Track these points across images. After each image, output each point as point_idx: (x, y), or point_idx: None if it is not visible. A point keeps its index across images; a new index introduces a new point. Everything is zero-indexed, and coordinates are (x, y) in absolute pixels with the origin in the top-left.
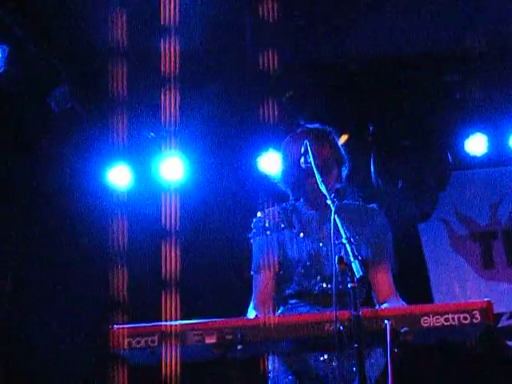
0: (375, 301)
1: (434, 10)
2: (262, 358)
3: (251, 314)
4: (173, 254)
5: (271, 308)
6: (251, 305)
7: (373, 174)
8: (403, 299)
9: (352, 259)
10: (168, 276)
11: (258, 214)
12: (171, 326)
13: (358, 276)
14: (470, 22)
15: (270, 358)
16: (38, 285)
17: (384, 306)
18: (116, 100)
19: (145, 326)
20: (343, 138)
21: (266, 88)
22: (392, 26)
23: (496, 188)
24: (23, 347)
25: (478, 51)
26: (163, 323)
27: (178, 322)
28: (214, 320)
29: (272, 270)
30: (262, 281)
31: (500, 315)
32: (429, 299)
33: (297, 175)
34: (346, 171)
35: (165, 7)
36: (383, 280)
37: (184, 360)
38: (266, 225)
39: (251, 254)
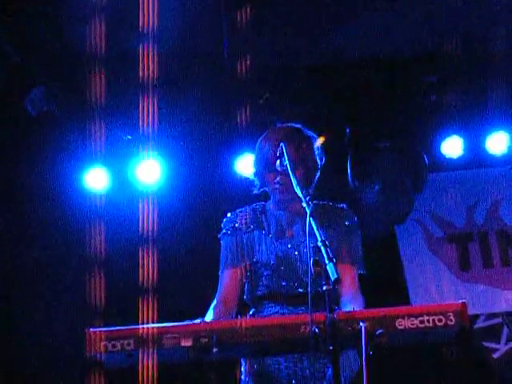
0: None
1: (412, 12)
2: (237, 360)
3: (209, 313)
4: (150, 256)
5: (234, 308)
6: (213, 303)
7: (349, 176)
8: (378, 301)
9: (327, 262)
10: (145, 279)
11: (228, 215)
12: (147, 329)
13: (332, 278)
14: (448, 26)
15: (242, 360)
16: (14, 288)
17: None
18: (93, 102)
19: (121, 330)
20: (320, 140)
21: (243, 91)
22: (370, 27)
23: (472, 190)
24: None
25: (455, 54)
26: (139, 326)
27: (154, 326)
28: (189, 323)
29: (239, 269)
30: (228, 280)
31: (476, 317)
32: (405, 301)
33: (270, 176)
34: (317, 173)
35: (143, 11)
36: (347, 277)
37: (160, 363)
38: (236, 225)
39: (220, 253)
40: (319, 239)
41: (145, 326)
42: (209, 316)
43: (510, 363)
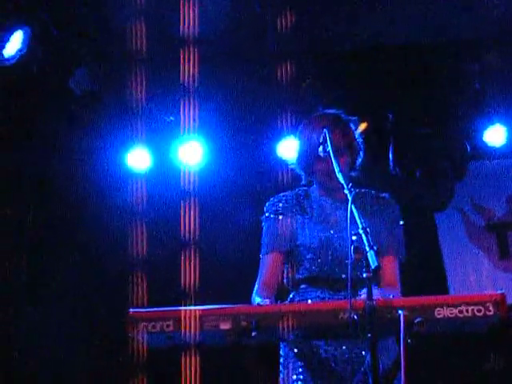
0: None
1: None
2: (276, 344)
3: (255, 297)
4: (192, 235)
5: (275, 292)
6: (256, 287)
7: (391, 163)
8: (417, 289)
9: (368, 249)
10: (187, 259)
11: (271, 198)
12: (186, 311)
13: (373, 267)
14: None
15: (281, 343)
16: (56, 272)
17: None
18: (136, 84)
19: (161, 311)
20: (362, 127)
21: (286, 75)
22: (412, 12)
23: None
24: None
25: (494, 42)
26: (179, 308)
27: (194, 308)
28: (229, 306)
29: (282, 253)
30: (270, 263)
31: None
32: (444, 289)
33: (313, 162)
34: (361, 159)
35: None
36: (388, 268)
37: (199, 345)
38: (279, 209)
39: (262, 236)
40: (360, 226)
41: (184, 307)
42: (255, 301)
43: None
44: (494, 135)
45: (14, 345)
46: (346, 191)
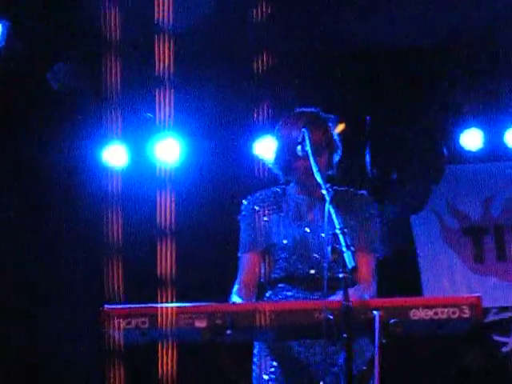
0: None
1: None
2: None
3: (235, 297)
4: (168, 233)
5: (255, 291)
6: (235, 287)
7: (368, 165)
8: (391, 290)
9: (345, 250)
10: (163, 259)
11: (248, 197)
12: (162, 308)
13: (350, 267)
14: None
15: (255, 342)
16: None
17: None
18: (113, 80)
19: (136, 308)
20: (340, 128)
21: (264, 75)
22: (389, 16)
23: (489, 183)
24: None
25: (474, 48)
26: (155, 305)
27: (170, 305)
28: (204, 304)
29: (258, 252)
30: (248, 262)
31: (488, 310)
32: (418, 291)
33: (292, 161)
34: (338, 158)
35: None
36: (362, 265)
37: (175, 343)
38: (256, 207)
39: (240, 235)
40: (337, 227)
41: (160, 305)
42: (235, 300)
43: None
44: (470, 139)
45: None
46: (324, 191)
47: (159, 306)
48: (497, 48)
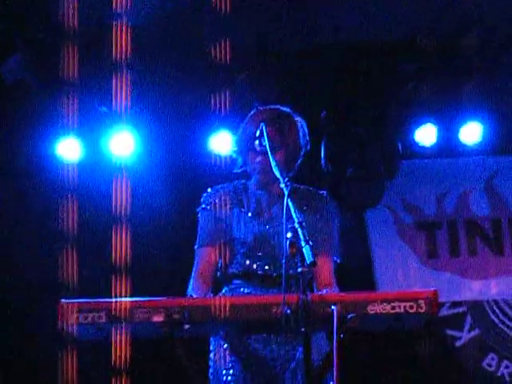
0: (314, 287)
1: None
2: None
3: (191, 291)
4: (123, 228)
5: (210, 286)
6: (191, 281)
7: (323, 160)
8: (346, 286)
9: (303, 244)
10: (118, 253)
11: (209, 190)
12: (119, 302)
13: (308, 261)
14: (427, 17)
15: (212, 338)
16: None
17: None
18: (67, 73)
19: (93, 302)
20: None
21: (220, 69)
22: (349, 12)
23: (443, 179)
24: None
25: (431, 45)
26: (111, 300)
27: (126, 300)
28: (161, 299)
29: (216, 245)
30: (205, 257)
31: (441, 304)
32: (372, 285)
33: (250, 155)
34: (301, 156)
35: None
36: (324, 269)
37: (132, 338)
38: (216, 201)
39: (197, 228)
40: (296, 221)
41: (117, 299)
42: (189, 293)
43: (472, 352)
44: (424, 135)
45: None
46: (283, 185)
47: (116, 300)
48: (452, 44)
